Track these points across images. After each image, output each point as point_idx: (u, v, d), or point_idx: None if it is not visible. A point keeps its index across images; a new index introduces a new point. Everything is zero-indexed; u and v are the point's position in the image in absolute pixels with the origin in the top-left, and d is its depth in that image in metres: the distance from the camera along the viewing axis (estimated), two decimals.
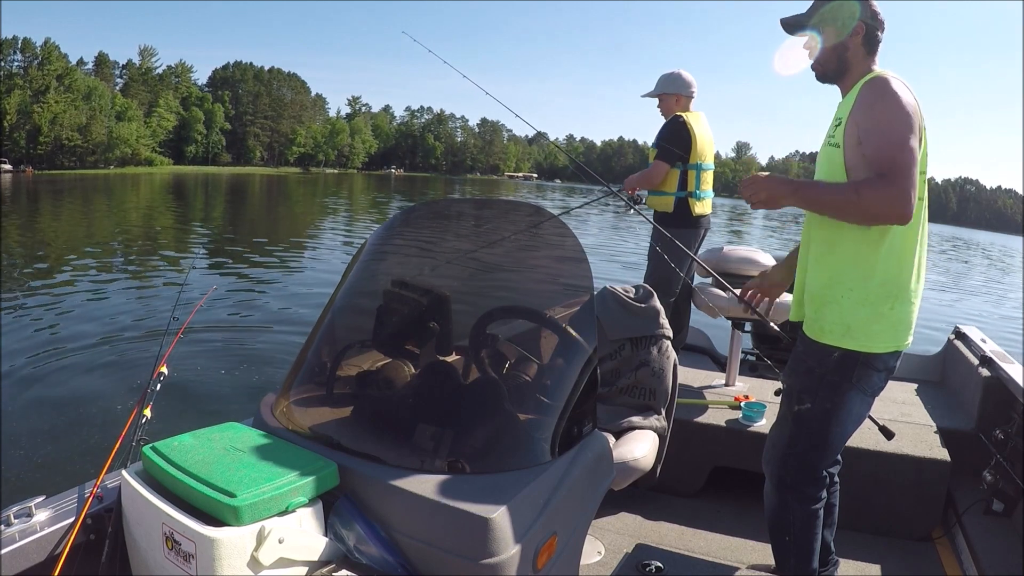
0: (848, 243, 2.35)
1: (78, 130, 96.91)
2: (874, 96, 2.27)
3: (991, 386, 3.95)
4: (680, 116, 4.70)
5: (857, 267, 2.34)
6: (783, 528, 2.62)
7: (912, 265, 2.35)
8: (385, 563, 1.81)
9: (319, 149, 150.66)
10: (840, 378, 2.40)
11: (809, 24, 2.48)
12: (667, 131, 4.73)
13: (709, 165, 4.80)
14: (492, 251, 2.66)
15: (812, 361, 2.46)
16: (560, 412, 2.18)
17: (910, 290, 2.36)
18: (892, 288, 2.33)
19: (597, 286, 2.73)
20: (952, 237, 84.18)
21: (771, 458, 2.64)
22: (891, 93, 2.25)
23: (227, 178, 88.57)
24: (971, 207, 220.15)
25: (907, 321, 2.39)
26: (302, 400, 2.36)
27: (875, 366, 2.39)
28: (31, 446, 5.45)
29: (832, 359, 2.40)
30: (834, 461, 2.66)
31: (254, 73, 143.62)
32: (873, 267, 2.32)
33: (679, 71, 4.81)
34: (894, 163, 2.19)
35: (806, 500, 2.55)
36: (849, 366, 2.38)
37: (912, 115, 2.22)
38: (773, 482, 2.62)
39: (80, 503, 2.06)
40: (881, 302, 2.33)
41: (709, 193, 4.84)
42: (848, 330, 2.36)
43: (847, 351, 2.37)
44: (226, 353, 8.27)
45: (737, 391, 4.33)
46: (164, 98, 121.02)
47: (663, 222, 4.74)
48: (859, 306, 2.34)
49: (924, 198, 2.32)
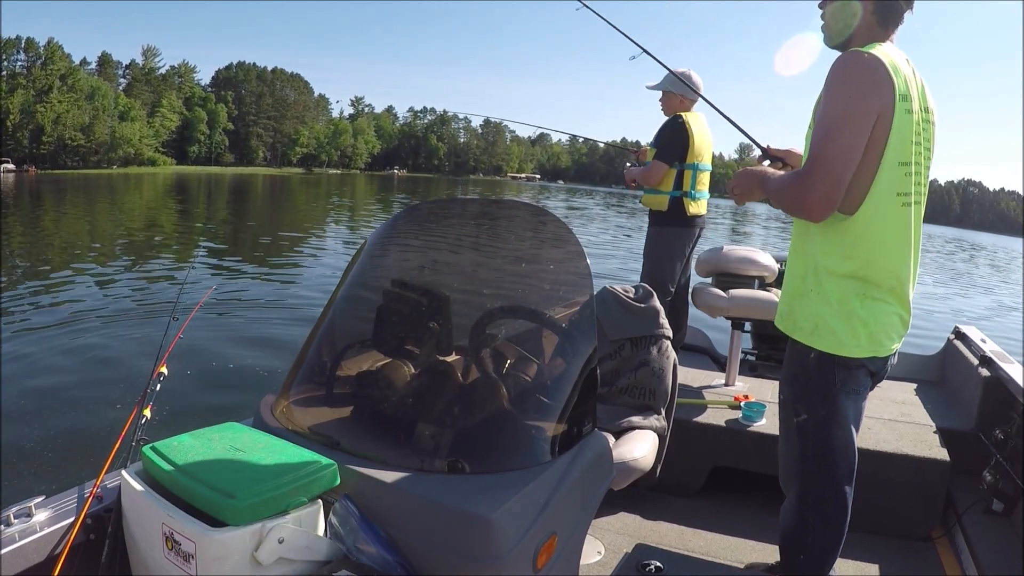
0: (818, 235, 2.28)
1: (81, 130, 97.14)
2: (833, 75, 2.17)
3: (991, 386, 3.95)
4: (680, 116, 4.68)
5: (828, 259, 2.26)
6: (799, 547, 2.53)
7: (892, 264, 2.26)
8: (385, 563, 1.81)
9: (322, 150, 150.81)
10: (824, 383, 2.34)
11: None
12: (666, 131, 4.73)
13: (706, 166, 4.77)
14: (492, 251, 2.66)
15: (796, 368, 2.42)
16: (560, 412, 2.18)
17: (885, 289, 2.26)
18: (861, 285, 2.24)
19: (597, 286, 2.73)
20: (955, 239, 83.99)
21: (788, 478, 2.56)
22: (849, 73, 2.14)
23: (230, 178, 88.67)
24: (974, 209, 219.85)
25: (882, 323, 2.29)
26: (302, 400, 2.36)
27: (851, 365, 2.31)
28: (31, 446, 5.45)
29: (810, 363, 2.35)
30: (853, 475, 2.49)
31: (257, 73, 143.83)
32: (841, 261, 2.24)
33: (690, 71, 4.69)
34: (815, 157, 2.12)
35: (828, 523, 2.46)
36: (827, 369, 2.32)
37: (865, 99, 2.11)
38: (795, 501, 2.53)
39: (80, 503, 2.06)
40: (849, 299, 2.25)
41: (705, 194, 4.81)
42: (816, 328, 2.30)
43: (820, 353, 2.31)
44: (226, 353, 8.26)
45: (737, 391, 4.33)
46: (167, 98, 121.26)
47: (658, 221, 4.77)
48: (825, 302, 2.28)
49: (911, 193, 2.23)
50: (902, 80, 2.17)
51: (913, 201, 2.26)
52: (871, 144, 2.14)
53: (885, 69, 2.13)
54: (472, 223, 2.91)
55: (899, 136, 2.16)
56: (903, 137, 2.17)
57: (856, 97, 2.12)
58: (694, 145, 4.62)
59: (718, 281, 4.80)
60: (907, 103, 2.17)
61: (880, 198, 2.19)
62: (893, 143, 2.15)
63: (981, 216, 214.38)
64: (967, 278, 29.91)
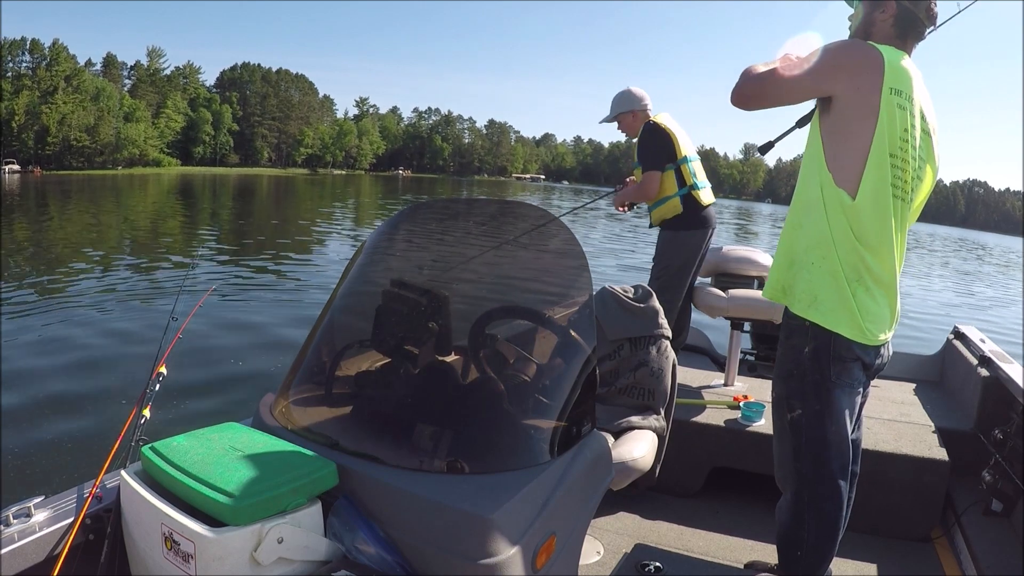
0: (825, 211, 2.32)
1: (86, 131, 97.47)
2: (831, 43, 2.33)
3: (990, 386, 3.94)
4: (651, 122, 4.60)
5: (836, 233, 2.30)
6: (795, 543, 2.55)
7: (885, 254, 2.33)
8: (384, 563, 1.81)
9: (327, 150, 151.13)
10: (820, 376, 2.38)
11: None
12: (645, 141, 4.63)
13: (695, 156, 4.69)
14: (491, 251, 2.66)
15: (790, 364, 2.45)
16: (559, 412, 2.18)
17: (877, 278, 2.33)
18: (861, 269, 2.31)
19: (596, 286, 2.74)
20: (959, 240, 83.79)
21: (784, 476, 2.58)
22: (843, 46, 2.31)
23: (234, 179, 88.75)
24: (979, 209, 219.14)
25: (873, 312, 2.35)
26: (301, 400, 2.37)
27: (846, 357, 2.36)
28: (31, 446, 5.46)
29: (805, 358, 2.38)
30: (848, 470, 2.53)
31: (262, 74, 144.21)
32: (847, 239, 2.29)
33: (628, 88, 4.75)
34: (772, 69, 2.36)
35: (824, 520, 2.48)
36: (824, 361, 2.36)
37: (839, 68, 2.26)
38: (791, 499, 2.55)
39: (79, 503, 2.06)
40: (850, 280, 2.30)
41: (707, 183, 4.74)
42: (815, 300, 2.34)
43: (815, 346, 2.36)
44: (225, 353, 8.26)
45: (736, 391, 4.33)
46: (172, 99, 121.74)
47: (675, 226, 4.64)
48: (830, 276, 2.32)
49: (899, 188, 2.30)
50: (898, 76, 2.24)
51: (904, 196, 2.32)
52: (857, 130, 2.24)
53: (878, 57, 2.23)
54: (471, 223, 2.91)
55: (890, 126, 2.23)
56: (893, 129, 2.24)
57: (832, 61, 2.27)
58: (677, 141, 4.55)
59: (717, 281, 4.80)
60: (900, 98, 2.23)
61: (874, 187, 2.25)
62: (883, 131, 2.22)
63: (987, 216, 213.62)
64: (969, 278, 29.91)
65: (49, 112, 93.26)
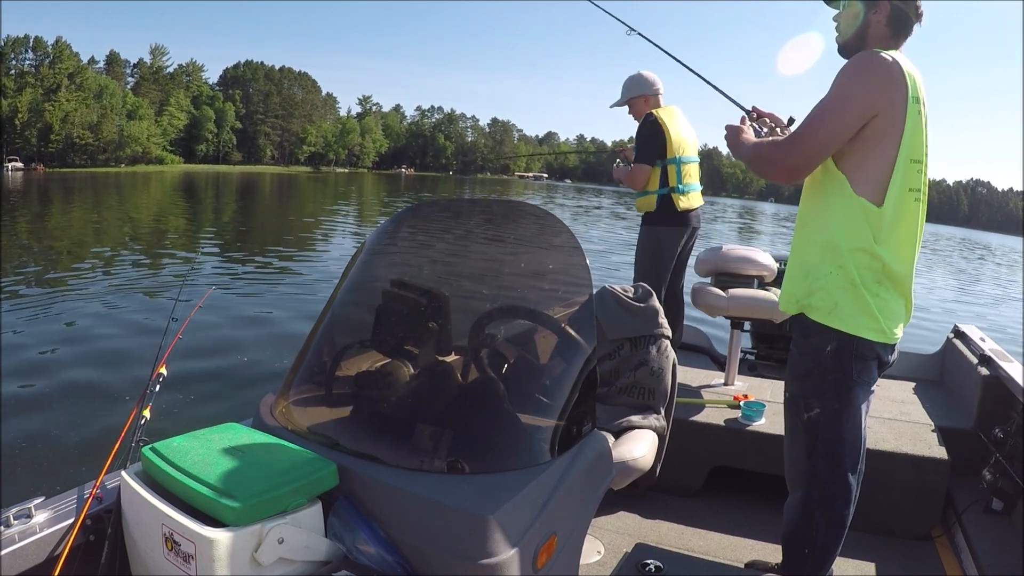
0: (841, 220, 2.34)
1: (89, 128, 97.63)
2: (847, 66, 2.32)
3: (990, 385, 3.94)
4: (651, 114, 4.63)
5: (852, 242, 2.32)
6: (803, 542, 2.55)
7: (906, 256, 2.36)
8: (384, 563, 1.81)
9: (329, 148, 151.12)
10: (842, 375, 2.38)
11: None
12: (641, 133, 4.68)
13: (690, 158, 4.69)
14: (491, 251, 2.66)
15: (809, 363, 2.45)
16: (559, 412, 2.18)
17: (897, 279, 2.35)
18: (882, 273, 2.32)
19: (596, 285, 2.74)
20: (962, 240, 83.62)
21: (795, 476, 2.59)
22: (864, 67, 2.28)
23: (237, 177, 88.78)
24: (983, 209, 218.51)
25: (892, 311, 2.37)
26: (301, 400, 2.37)
27: (868, 356, 2.37)
28: (31, 446, 5.45)
29: (827, 356, 2.39)
30: (859, 469, 2.53)
31: (265, 72, 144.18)
32: (869, 247, 2.30)
33: (639, 72, 4.76)
34: (801, 131, 2.32)
35: (834, 519, 2.49)
36: (846, 360, 2.36)
37: (865, 91, 2.25)
38: (800, 498, 2.55)
39: (79, 504, 2.06)
40: (869, 284, 2.32)
41: (694, 187, 4.73)
42: (835, 308, 2.35)
43: (837, 345, 2.36)
44: (225, 353, 8.25)
45: (736, 390, 4.33)
46: (175, 97, 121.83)
47: (648, 221, 4.72)
48: (849, 284, 2.33)
49: (920, 190, 2.34)
50: (915, 83, 2.29)
51: (921, 198, 2.37)
52: (887, 139, 2.27)
53: (900, 71, 2.26)
54: (471, 223, 2.91)
55: (912, 135, 2.28)
56: (915, 136, 2.29)
57: (861, 89, 2.26)
58: (671, 140, 4.55)
59: (717, 281, 4.79)
60: (919, 105, 2.29)
61: (899, 192, 2.29)
62: (907, 141, 2.27)
63: (990, 216, 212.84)
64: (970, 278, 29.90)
65: (52, 110, 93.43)
